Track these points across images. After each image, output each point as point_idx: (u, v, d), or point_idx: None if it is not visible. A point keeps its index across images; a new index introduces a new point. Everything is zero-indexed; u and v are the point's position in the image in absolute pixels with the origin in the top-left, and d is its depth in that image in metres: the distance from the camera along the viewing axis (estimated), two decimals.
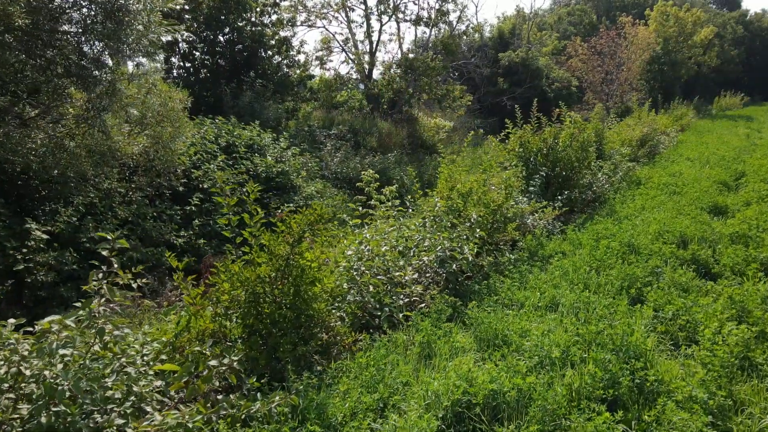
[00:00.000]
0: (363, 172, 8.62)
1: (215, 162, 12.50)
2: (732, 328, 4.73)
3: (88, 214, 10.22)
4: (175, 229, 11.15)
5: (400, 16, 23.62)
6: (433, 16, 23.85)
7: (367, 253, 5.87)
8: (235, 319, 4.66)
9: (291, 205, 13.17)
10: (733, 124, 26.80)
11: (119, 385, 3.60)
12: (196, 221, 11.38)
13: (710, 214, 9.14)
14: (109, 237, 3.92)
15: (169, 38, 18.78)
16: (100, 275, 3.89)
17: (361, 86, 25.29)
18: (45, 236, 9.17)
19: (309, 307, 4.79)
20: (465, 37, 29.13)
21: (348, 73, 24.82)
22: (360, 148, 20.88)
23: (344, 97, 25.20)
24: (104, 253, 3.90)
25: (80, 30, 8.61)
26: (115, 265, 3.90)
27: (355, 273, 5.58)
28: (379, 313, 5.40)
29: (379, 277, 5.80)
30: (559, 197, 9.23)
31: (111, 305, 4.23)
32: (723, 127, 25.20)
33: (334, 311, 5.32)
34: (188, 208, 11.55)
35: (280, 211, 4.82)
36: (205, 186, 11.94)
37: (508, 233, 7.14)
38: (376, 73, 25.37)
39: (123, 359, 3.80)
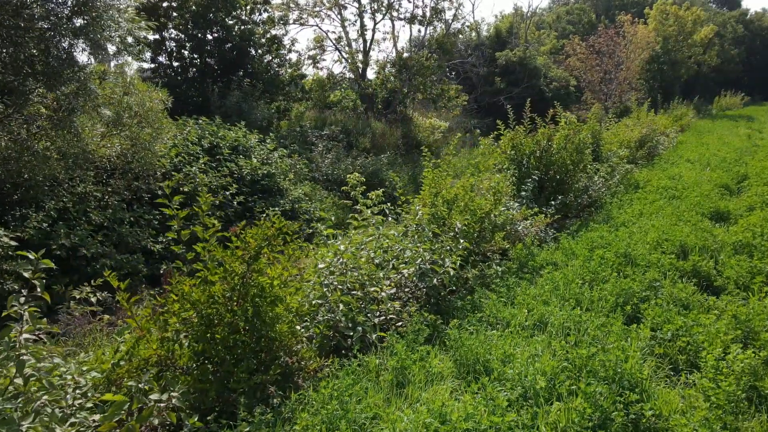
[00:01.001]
0: (348, 176, 8.19)
1: (197, 164, 12.03)
2: (737, 352, 4.28)
3: (61, 219, 9.75)
4: (153, 235, 10.69)
5: (394, 14, 23.17)
6: (427, 14, 23.39)
7: (340, 266, 5.41)
8: (188, 344, 4.20)
9: (276, 209, 12.71)
10: (733, 125, 26.36)
11: (37, 429, 3.14)
12: (176, 226, 10.88)
13: (711, 220, 8.68)
14: (31, 256, 3.46)
15: (157, 37, 18.35)
16: (21, 299, 3.44)
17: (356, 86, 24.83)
18: (13, 243, 8.69)
19: (270, 330, 4.34)
20: (461, 36, 28.66)
21: (341, 72, 24.37)
22: (353, 149, 20.43)
23: (338, 96, 24.73)
24: (26, 274, 3.45)
25: (47, 26, 8.14)
26: (39, 289, 3.44)
27: (326, 289, 5.12)
28: (351, 333, 4.94)
29: (353, 292, 5.34)
30: (553, 202, 8.77)
31: (40, 331, 3.78)
32: (723, 128, 24.75)
33: (302, 331, 4.86)
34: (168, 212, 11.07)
35: (234, 225, 4.35)
36: (186, 189, 11.47)
37: (496, 243, 6.68)
38: (370, 73, 24.93)
39: (45, 396, 3.34)
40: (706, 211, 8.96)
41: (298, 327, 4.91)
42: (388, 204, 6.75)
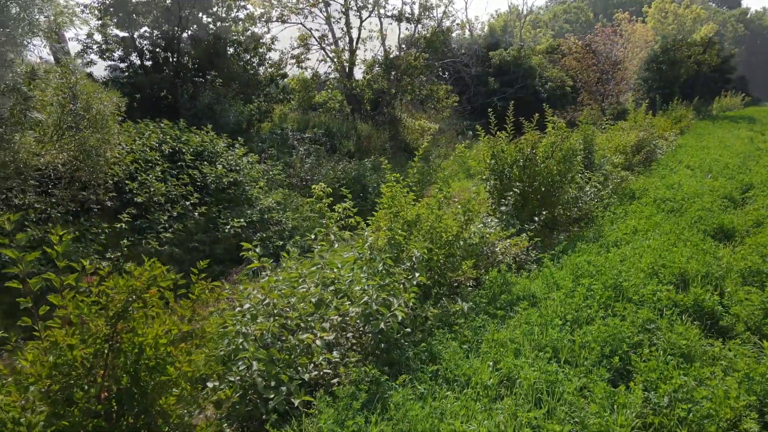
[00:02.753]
0: (314, 186, 7.26)
1: (154, 172, 11.04)
2: (754, 430, 3.33)
3: None
4: (99, 251, 9.70)
5: (381, 11, 22.18)
6: (416, 11, 22.41)
7: (266, 308, 4.44)
8: (42, 425, 3.23)
9: (242, 220, 11.74)
10: (734, 126, 25.41)
11: None
12: (125, 241, 9.92)
13: (714, 239, 7.72)
14: None
15: (126, 34, 17.37)
16: None
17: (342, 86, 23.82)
18: None
19: (153, 403, 3.37)
20: (452, 35, 27.67)
21: (327, 72, 23.37)
22: (336, 153, 19.45)
23: (324, 97, 23.73)
24: None
25: None
26: None
27: (242, 339, 4.16)
28: (272, 396, 3.97)
29: (282, 340, 4.38)
30: (537, 218, 7.80)
31: None
32: (724, 129, 23.81)
33: (208, 394, 3.90)
34: (118, 225, 10.10)
35: (88, 274, 3.38)
36: (140, 200, 10.50)
37: (464, 272, 5.70)
38: (357, 73, 23.93)
39: None
40: (708, 227, 8.00)
41: (210, 386, 3.96)
42: (336, 228, 5.79)
